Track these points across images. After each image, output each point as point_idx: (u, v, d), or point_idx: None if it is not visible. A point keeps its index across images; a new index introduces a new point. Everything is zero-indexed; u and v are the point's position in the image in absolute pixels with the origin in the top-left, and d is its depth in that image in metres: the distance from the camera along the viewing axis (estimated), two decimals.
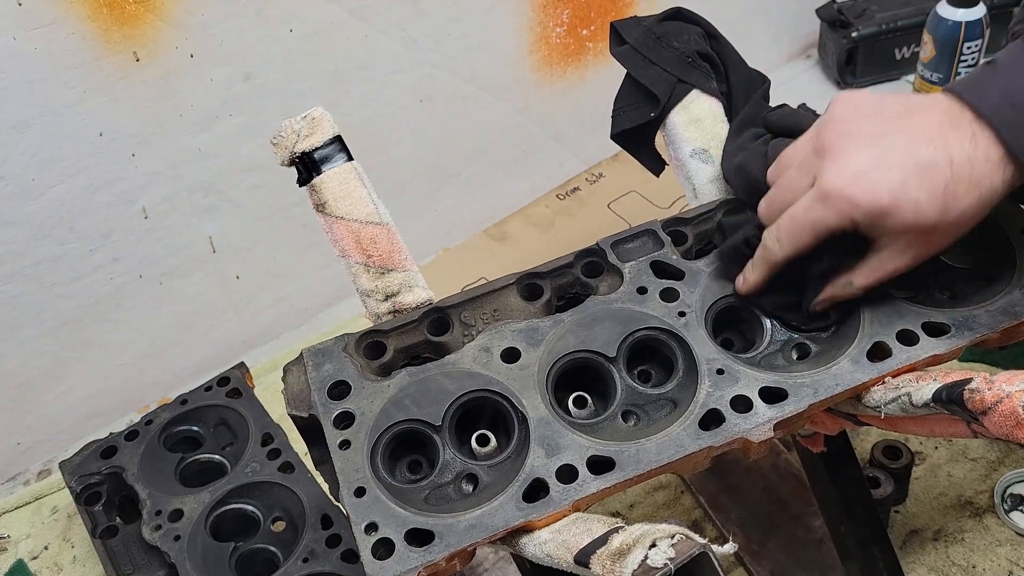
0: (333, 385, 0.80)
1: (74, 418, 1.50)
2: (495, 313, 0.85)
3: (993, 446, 1.30)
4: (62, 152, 1.28)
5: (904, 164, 0.72)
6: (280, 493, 1.14)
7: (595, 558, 0.65)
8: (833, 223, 0.74)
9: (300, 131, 0.86)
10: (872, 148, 0.73)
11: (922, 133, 0.73)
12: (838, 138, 0.75)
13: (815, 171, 0.75)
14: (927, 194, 0.72)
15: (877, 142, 0.73)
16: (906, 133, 0.73)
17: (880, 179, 0.72)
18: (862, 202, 0.72)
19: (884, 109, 0.76)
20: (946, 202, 0.72)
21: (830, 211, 0.74)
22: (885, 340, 0.80)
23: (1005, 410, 0.66)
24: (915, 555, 1.20)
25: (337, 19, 1.41)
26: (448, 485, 0.77)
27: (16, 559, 1.37)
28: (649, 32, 0.97)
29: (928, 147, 0.72)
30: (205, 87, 1.35)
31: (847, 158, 0.73)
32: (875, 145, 0.73)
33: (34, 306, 1.37)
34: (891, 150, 0.73)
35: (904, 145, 0.72)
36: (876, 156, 0.73)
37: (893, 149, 0.73)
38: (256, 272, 1.57)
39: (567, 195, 1.83)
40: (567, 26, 1.64)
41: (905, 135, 0.73)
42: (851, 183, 0.73)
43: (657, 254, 0.87)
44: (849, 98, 0.78)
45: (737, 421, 0.76)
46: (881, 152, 0.73)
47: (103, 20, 1.22)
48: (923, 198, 0.72)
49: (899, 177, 0.72)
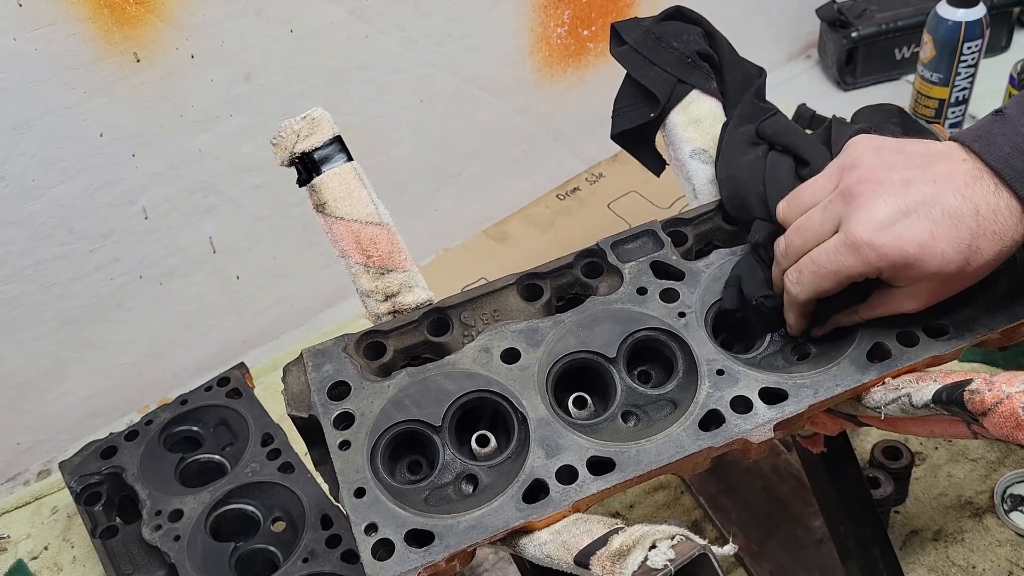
0: (333, 386, 0.80)
1: (74, 418, 1.50)
2: (495, 313, 0.85)
3: (993, 447, 1.30)
4: (62, 153, 1.28)
5: (932, 215, 0.71)
6: (280, 493, 1.14)
7: (595, 559, 0.65)
8: (858, 272, 0.74)
9: (300, 131, 0.86)
10: (900, 196, 0.72)
11: (949, 181, 0.72)
12: (865, 184, 0.73)
13: (840, 216, 0.74)
14: (953, 246, 0.71)
15: (906, 190, 0.72)
16: (933, 181, 0.72)
17: (909, 230, 0.71)
18: (890, 254, 0.71)
19: (907, 153, 0.75)
20: (970, 254, 0.71)
21: (857, 260, 0.73)
22: (885, 341, 0.80)
23: (1005, 411, 0.66)
24: (915, 555, 1.20)
25: (337, 19, 1.41)
26: (448, 486, 0.77)
27: (16, 559, 1.37)
28: (649, 32, 0.97)
29: (956, 196, 0.71)
30: (205, 87, 1.35)
31: (875, 206, 0.72)
32: (903, 193, 0.72)
33: (34, 306, 1.37)
34: (919, 199, 0.71)
35: (932, 194, 0.71)
36: (905, 205, 0.71)
37: (921, 198, 0.71)
38: (256, 272, 1.57)
39: (567, 195, 1.83)
40: (568, 26, 1.64)
41: (932, 183, 0.72)
42: (880, 233, 0.71)
43: (657, 254, 0.87)
44: (869, 141, 0.77)
45: (737, 422, 0.76)
46: (909, 201, 0.71)
47: (104, 21, 1.22)
48: (949, 250, 0.71)
49: (928, 228, 0.71)
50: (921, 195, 0.72)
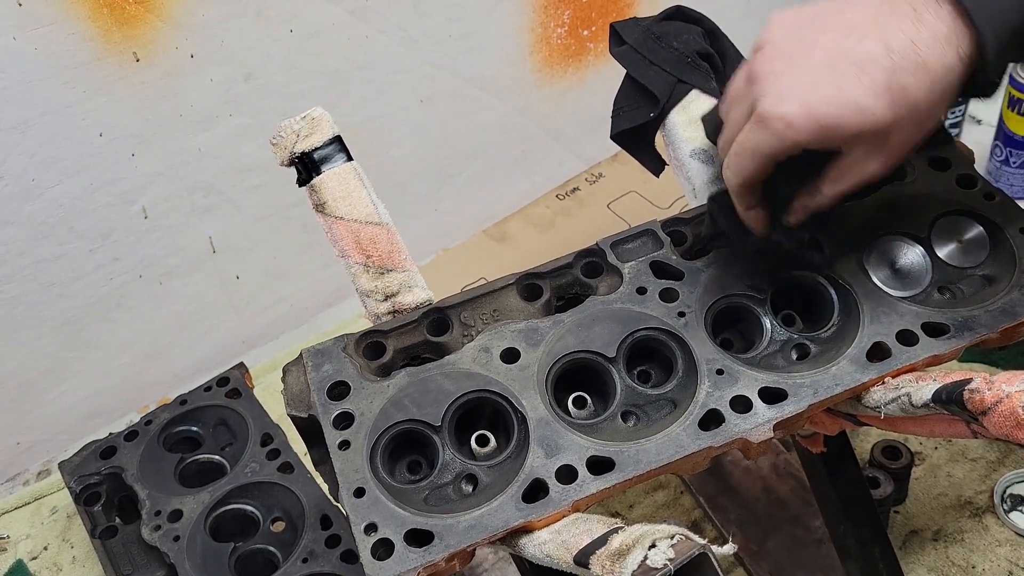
0: (332, 385, 0.80)
1: (74, 418, 1.50)
2: (495, 313, 0.85)
3: (993, 446, 1.30)
4: (62, 152, 1.28)
5: (836, 67, 0.67)
6: (279, 493, 1.14)
7: (595, 558, 0.65)
8: (775, 147, 0.71)
9: (300, 131, 0.86)
10: (804, 62, 0.69)
11: (853, 28, 0.69)
12: (768, 62, 0.71)
13: (752, 99, 0.73)
14: (868, 93, 0.67)
15: (808, 55, 0.69)
16: (836, 32, 0.69)
17: (814, 91, 0.68)
18: (798, 120, 0.69)
19: (815, 17, 0.72)
20: (892, 96, 0.67)
21: (769, 135, 0.71)
22: (885, 340, 0.80)
23: (1005, 410, 0.66)
24: (915, 555, 1.20)
25: (337, 19, 1.41)
26: (448, 485, 0.77)
27: (16, 559, 1.37)
28: (649, 32, 0.97)
29: (861, 42, 0.67)
30: (205, 87, 1.35)
31: (777, 79, 0.70)
32: (807, 58, 0.69)
33: (34, 306, 1.37)
34: (822, 58, 0.69)
35: (834, 48, 0.68)
36: (807, 67, 0.69)
37: (824, 56, 0.68)
38: (256, 272, 1.57)
39: (567, 195, 1.83)
40: (568, 27, 1.64)
41: (834, 35, 0.69)
42: (784, 103, 0.69)
43: (657, 254, 0.87)
44: (778, 18, 0.74)
45: (737, 421, 0.76)
46: (811, 62, 0.69)
47: (103, 20, 1.22)
48: (865, 98, 0.67)
49: (833, 83, 0.67)
50: (824, 53, 0.69)
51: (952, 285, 0.86)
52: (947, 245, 0.88)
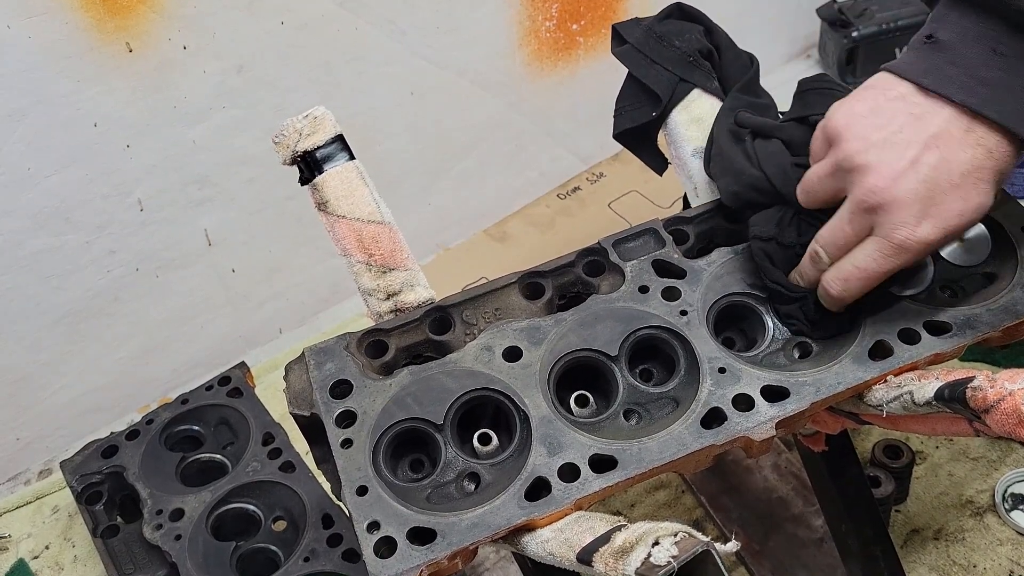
0: (335, 384, 0.80)
1: (73, 414, 1.51)
2: (497, 312, 0.85)
3: (994, 446, 1.30)
4: (57, 142, 1.28)
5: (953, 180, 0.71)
6: (281, 492, 1.14)
7: (598, 556, 0.65)
8: (911, 263, 0.75)
9: (302, 130, 0.86)
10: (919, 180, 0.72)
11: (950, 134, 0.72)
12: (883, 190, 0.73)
13: (870, 224, 0.74)
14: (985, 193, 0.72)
15: (918, 170, 0.72)
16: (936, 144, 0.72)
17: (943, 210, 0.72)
18: (937, 239, 0.73)
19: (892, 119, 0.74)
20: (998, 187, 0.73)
21: (909, 257, 0.74)
22: (887, 339, 0.80)
23: (1007, 408, 0.66)
24: (916, 554, 1.20)
25: (327, 11, 1.41)
26: (450, 484, 0.77)
27: (17, 558, 1.37)
28: (650, 32, 0.97)
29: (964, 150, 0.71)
30: (198, 79, 1.35)
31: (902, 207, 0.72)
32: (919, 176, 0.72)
33: (32, 298, 1.37)
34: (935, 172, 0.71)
35: (942, 160, 0.72)
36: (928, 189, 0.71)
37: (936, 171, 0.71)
38: (252, 266, 1.57)
39: (568, 195, 1.83)
40: (556, 20, 1.64)
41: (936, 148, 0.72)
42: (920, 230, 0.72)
43: (659, 253, 0.87)
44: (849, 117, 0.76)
45: (739, 420, 0.76)
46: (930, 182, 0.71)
47: (96, 10, 1.23)
48: (983, 199, 0.72)
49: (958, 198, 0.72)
50: (933, 167, 0.71)
51: (954, 284, 0.86)
52: (949, 244, 0.88)
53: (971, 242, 0.87)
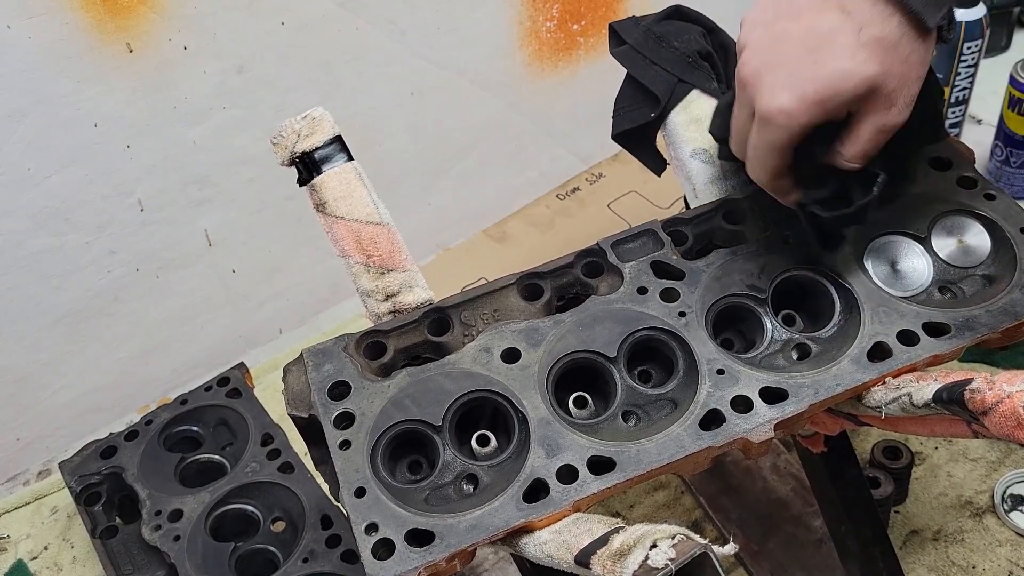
0: (333, 385, 0.80)
1: (73, 414, 1.51)
2: (495, 313, 0.85)
3: (993, 446, 1.30)
4: (57, 142, 1.28)
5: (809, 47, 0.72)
6: (280, 493, 1.14)
7: (596, 558, 0.65)
8: (785, 137, 0.75)
9: (300, 131, 0.86)
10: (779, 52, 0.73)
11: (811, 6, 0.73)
12: (751, 63, 0.75)
13: (749, 103, 0.77)
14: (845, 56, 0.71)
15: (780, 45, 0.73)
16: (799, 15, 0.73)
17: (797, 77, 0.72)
18: (795, 107, 0.73)
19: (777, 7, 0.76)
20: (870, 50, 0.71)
21: (775, 129, 0.75)
22: (886, 340, 0.80)
23: (1006, 410, 0.66)
24: (915, 555, 1.20)
25: (328, 11, 1.41)
26: (448, 485, 0.77)
27: (16, 559, 1.37)
28: (649, 32, 0.97)
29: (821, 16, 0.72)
30: (198, 79, 1.35)
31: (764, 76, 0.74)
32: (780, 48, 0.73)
33: (32, 298, 1.37)
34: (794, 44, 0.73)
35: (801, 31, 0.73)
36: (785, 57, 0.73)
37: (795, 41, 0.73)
38: (252, 266, 1.57)
39: (567, 195, 1.83)
40: (557, 20, 1.64)
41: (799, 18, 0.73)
42: (777, 97, 0.73)
43: (657, 254, 0.87)
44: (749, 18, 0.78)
45: (738, 421, 0.76)
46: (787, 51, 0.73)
47: (96, 10, 1.23)
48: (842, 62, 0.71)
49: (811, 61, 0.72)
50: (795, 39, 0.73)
51: (953, 285, 0.86)
52: (948, 245, 0.88)
53: (970, 243, 0.87)
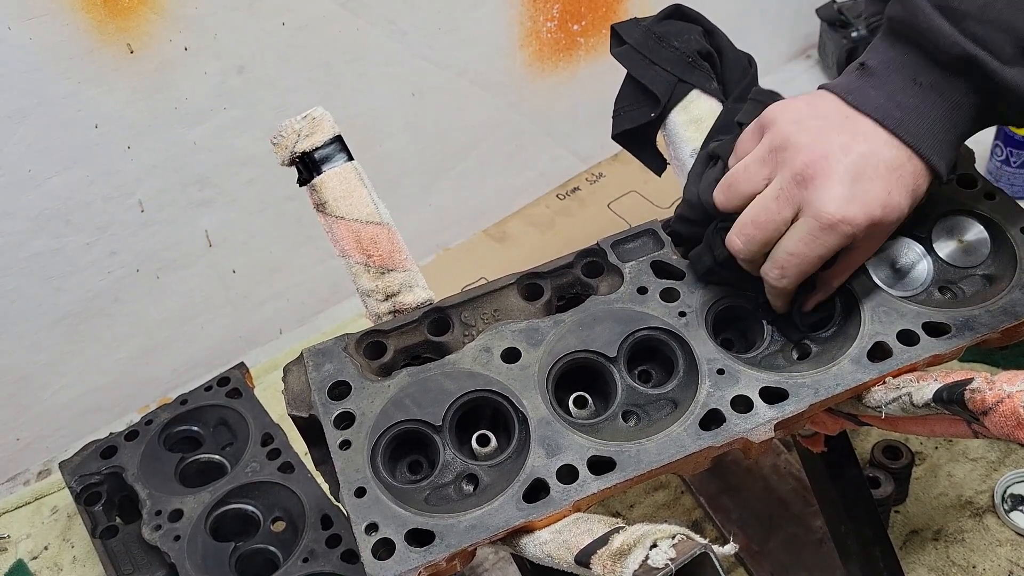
0: (333, 385, 0.80)
1: (73, 414, 1.51)
2: (495, 313, 0.85)
3: (993, 446, 1.30)
4: (58, 143, 1.28)
5: (879, 171, 0.75)
6: (280, 493, 1.14)
7: (596, 558, 0.65)
8: (838, 247, 0.76)
9: (300, 131, 0.86)
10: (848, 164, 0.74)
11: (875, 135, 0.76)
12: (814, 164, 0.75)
13: (799, 201, 0.75)
14: (904, 193, 0.76)
15: (848, 156, 0.75)
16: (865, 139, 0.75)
17: (868, 194, 0.74)
18: (862, 222, 0.74)
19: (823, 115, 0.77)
20: (914, 196, 0.77)
21: (836, 237, 0.75)
22: (886, 340, 0.80)
23: (1006, 410, 0.66)
24: (915, 555, 1.20)
25: (328, 12, 1.41)
26: (448, 485, 0.77)
27: (16, 559, 1.37)
28: (649, 32, 0.97)
29: (888, 149, 0.75)
30: (199, 80, 1.35)
31: (833, 182, 0.74)
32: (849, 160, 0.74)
33: (32, 299, 1.37)
34: (864, 161, 0.75)
35: (870, 152, 0.75)
36: (856, 172, 0.74)
37: (865, 159, 0.75)
38: (253, 267, 1.57)
39: (567, 195, 1.83)
40: (557, 21, 1.64)
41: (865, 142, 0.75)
42: (848, 206, 0.74)
43: (657, 254, 0.87)
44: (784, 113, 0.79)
45: (738, 421, 0.76)
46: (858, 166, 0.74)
47: (97, 11, 1.23)
48: (902, 199, 0.76)
49: (883, 187, 0.75)
50: (863, 156, 0.75)
51: (953, 285, 0.86)
52: (948, 245, 0.88)
53: (970, 243, 0.87)
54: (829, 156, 0.75)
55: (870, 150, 0.75)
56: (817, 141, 0.76)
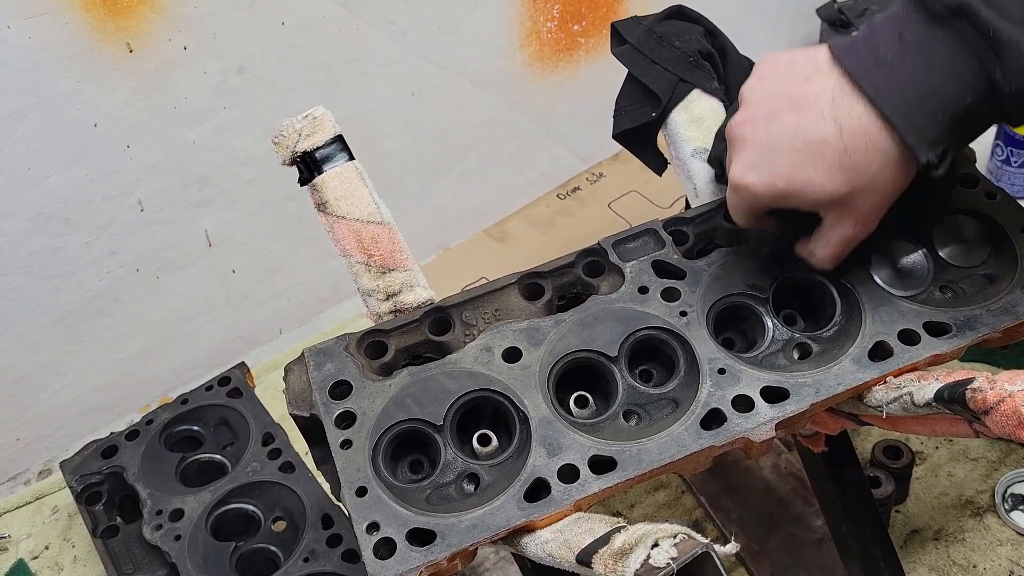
0: (334, 385, 0.80)
1: (73, 414, 1.51)
2: (496, 313, 0.85)
3: (994, 446, 1.30)
4: (57, 142, 1.28)
5: (794, 146, 0.73)
6: (281, 493, 1.14)
7: (597, 558, 0.65)
8: (752, 207, 0.79)
9: (301, 130, 0.86)
10: (766, 131, 0.75)
11: (815, 103, 0.73)
12: (740, 127, 0.78)
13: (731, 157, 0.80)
14: (821, 172, 0.73)
15: (771, 124, 0.75)
16: (799, 107, 0.74)
17: (772, 167, 0.75)
18: (761, 190, 0.76)
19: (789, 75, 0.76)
20: (846, 173, 0.72)
21: (742, 199, 0.79)
22: (887, 340, 0.80)
23: (1007, 409, 0.66)
24: (916, 555, 1.20)
25: (328, 12, 1.41)
26: (450, 485, 0.77)
27: (17, 559, 1.37)
28: (650, 32, 0.97)
29: (818, 123, 0.72)
30: (199, 79, 1.35)
31: (744, 148, 0.77)
32: (769, 128, 0.75)
33: (32, 299, 1.37)
34: (783, 134, 0.74)
35: (794, 124, 0.74)
36: (769, 140, 0.75)
37: (785, 132, 0.74)
38: (252, 266, 1.57)
39: (567, 195, 1.83)
40: (558, 21, 1.64)
41: (798, 110, 0.74)
42: (748, 174, 0.76)
43: (658, 254, 0.87)
44: (760, 66, 0.79)
45: (739, 421, 0.75)
46: (774, 134, 0.75)
47: (96, 10, 1.23)
48: (819, 176, 0.73)
49: (789, 160, 0.74)
50: (783, 128, 0.74)
51: (954, 284, 0.86)
52: (949, 244, 0.88)
53: (970, 243, 0.87)
54: (755, 119, 0.76)
55: (796, 120, 0.73)
56: (758, 102, 0.77)
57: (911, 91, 0.69)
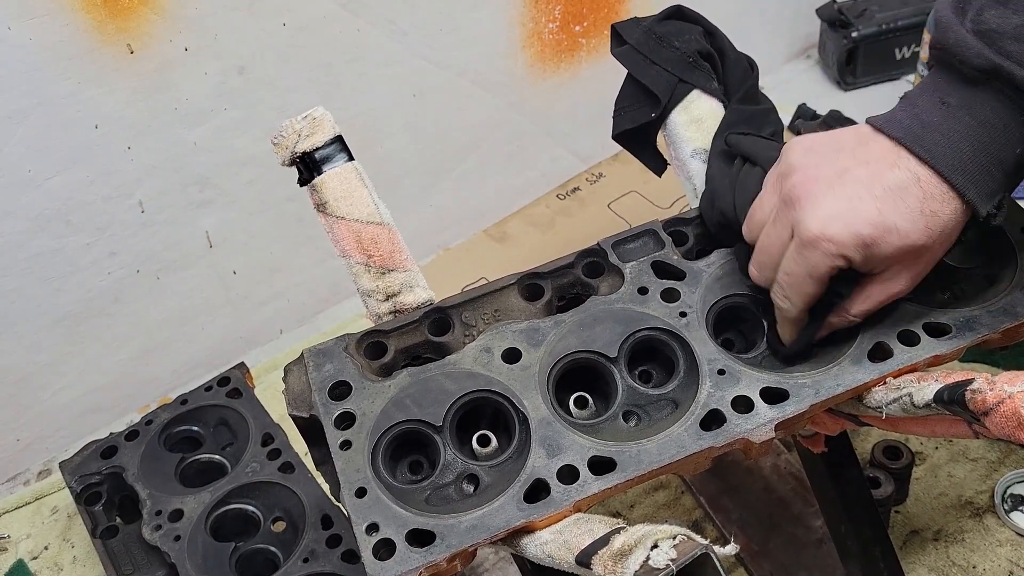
0: (334, 385, 0.80)
1: (73, 415, 1.51)
2: (496, 313, 0.85)
3: (993, 446, 1.30)
4: (58, 143, 1.28)
5: (874, 192, 0.72)
6: (280, 493, 1.14)
7: (597, 559, 0.65)
8: (827, 266, 0.74)
9: (301, 131, 0.86)
10: (839, 186, 0.73)
11: (883, 159, 0.73)
12: (803, 186, 0.74)
13: (791, 223, 0.75)
14: (905, 217, 0.71)
15: (842, 178, 0.73)
16: (868, 163, 0.73)
17: (856, 214, 0.72)
18: (846, 240, 0.72)
19: (838, 143, 0.76)
20: (927, 220, 0.72)
21: (819, 256, 0.73)
22: (886, 340, 0.80)
23: (1007, 411, 0.66)
24: (915, 555, 1.20)
25: (329, 12, 1.41)
26: (449, 486, 0.77)
27: (16, 559, 1.37)
28: (650, 32, 0.97)
29: (892, 171, 0.72)
30: (199, 80, 1.35)
31: (817, 201, 0.73)
32: (841, 182, 0.73)
33: (32, 300, 1.37)
34: (858, 182, 0.72)
35: (868, 174, 0.73)
36: (846, 192, 0.72)
37: (860, 181, 0.72)
38: (253, 267, 1.57)
39: (567, 195, 1.83)
40: (559, 22, 1.64)
41: (867, 165, 0.73)
42: (830, 224, 0.72)
43: (658, 254, 0.87)
44: (800, 143, 0.78)
45: (738, 421, 0.76)
46: (849, 187, 0.73)
47: (97, 11, 1.23)
48: (902, 221, 0.71)
49: (873, 207, 0.71)
50: (858, 178, 0.73)
51: (954, 285, 0.86)
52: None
53: (970, 243, 0.87)
54: (821, 178, 0.74)
55: (869, 173, 0.72)
56: (817, 165, 0.75)
57: (965, 148, 0.71)
